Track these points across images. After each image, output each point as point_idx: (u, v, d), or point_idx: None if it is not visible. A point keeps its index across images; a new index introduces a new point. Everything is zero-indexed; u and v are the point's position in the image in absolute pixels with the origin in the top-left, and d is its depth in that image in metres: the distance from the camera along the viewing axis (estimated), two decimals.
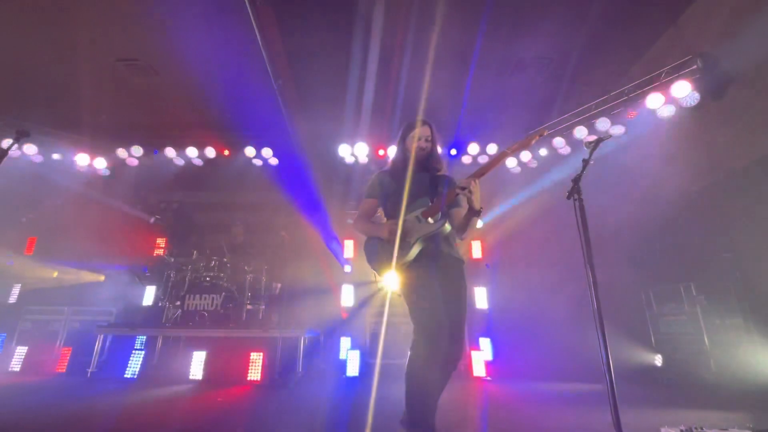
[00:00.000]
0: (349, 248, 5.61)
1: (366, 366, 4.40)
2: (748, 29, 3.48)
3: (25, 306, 4.76)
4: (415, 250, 1.89)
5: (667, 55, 4.25)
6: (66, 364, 4.36)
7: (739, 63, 3.74)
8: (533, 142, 1.99)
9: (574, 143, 5.13)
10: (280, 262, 4.87)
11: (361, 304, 5.01)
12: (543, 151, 5.40)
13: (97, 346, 4.14)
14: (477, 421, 2.63)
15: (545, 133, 2.08)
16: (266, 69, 4.33)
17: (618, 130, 4.68)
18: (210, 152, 5.64)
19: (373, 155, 5.59)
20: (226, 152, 5.75)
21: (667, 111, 4.31)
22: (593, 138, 2.17)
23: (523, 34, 4.03)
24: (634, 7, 3.63)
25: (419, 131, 2.12)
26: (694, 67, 4.03)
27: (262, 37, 4.01)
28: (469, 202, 1.81)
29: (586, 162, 2.15)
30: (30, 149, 5.37)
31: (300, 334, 4.08)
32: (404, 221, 1.94)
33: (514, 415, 2.74)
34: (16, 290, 4.91)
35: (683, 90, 4.05)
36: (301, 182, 5.77)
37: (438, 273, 1.91)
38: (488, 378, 4.11)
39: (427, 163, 2.14)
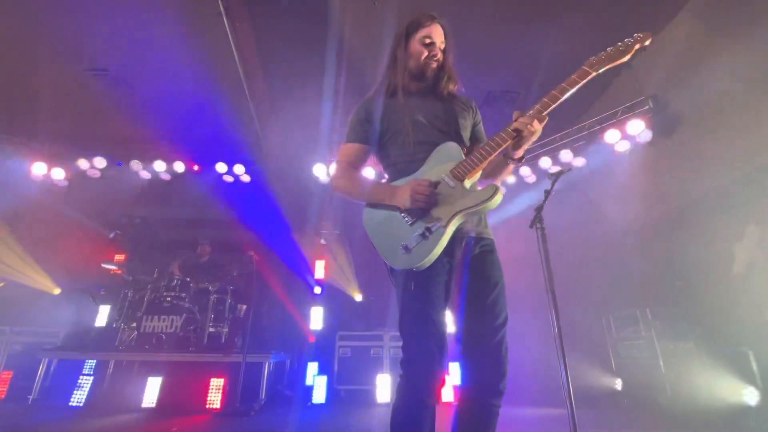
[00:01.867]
0: (319, 269, 5.54)
1: (333, 393, 4.27)
2: (692, 74, 3.86)
3: None
4: (450, 232, 1.22)
5: (622, 94, 4.60)
6: (6, 389, 3.98)
7: (685, 104, 4.11)
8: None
9: (540, 172, 5.39)
10: (246, 283, 4.71)
11: (331, 326, 4.90)
12: (510, 179, 5.62)
13: (41, 370, 3.82)
14: None
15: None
16: (242, 87, 4.34)
17: (579, 162, 4.97)
18: (179, 167, 5.49)
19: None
20: (196, 167, 5.62)
21: (623, 146, 4.63)
22: (556, 170, 2.30)
23: (490, 68, 4.27)
24: (592, 49, 3.93)
25: (432, 31, 1.45)
26: (647, 107, 4.39)
27: (240, 56, 4.04)
28: (516, 146, 1.27)
29: (548, 193, 2.27)
30: None
31: (264, 358, 3.93)
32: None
33: None
34: None
35: (637, 127, 4.38)
36: (274, 201, 5.70)
37: (458, 265, 1.31)
38: (456, 403, 4.08)
39: (439, 80, 1.48)
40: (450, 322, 1.32)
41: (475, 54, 4.03)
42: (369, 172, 4.91)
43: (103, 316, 4.58)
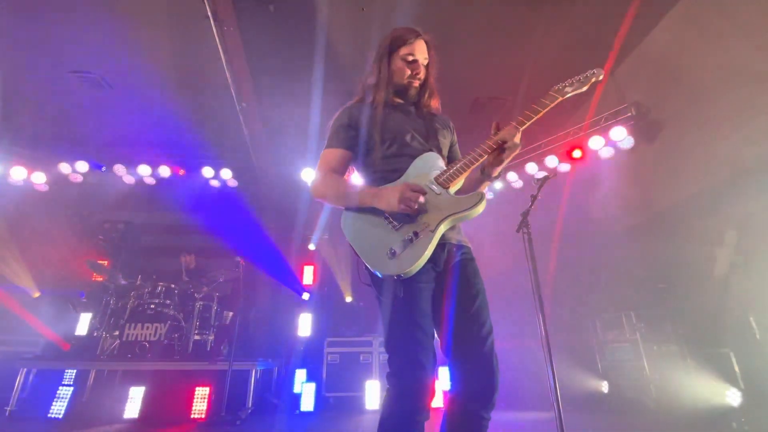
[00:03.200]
0: (308, 274, 5.49)
1: (322, 400, 4.21)
2: (673, 81, 3.98)
3: None
4: (437, 238, 1.20)
5: (607, 102, 4.71)
6: None
7: (666, 110, 4.23)
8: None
9: (526, 177, 5.46)
10: (233, 290, 4.64)
11: (320, 332, 4.86)
12: (498, 185, 5.69)
13: (19, 380, 3.68)
14: None
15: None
16: (230, 91, 4.30)
17: (564, 167, 5.06)
18: (164, 171, 5.40)
19: None
20: (182, 172, 5.54)
21: (607, 152, 4.73)
22: (542, 175, 2.34)
23: (476, 75, 4.34)
24: (573, 58, 4.01)
25: (415, 48, 1.46)
26: (629, 114, 4.49)
27: (227, 60, 4.01)
28: (496, 162, 1.29)
29: (534, 198, 2.30)
30: None
31: (251, 366, 3.86)
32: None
33: None
34: None
35: (620, 134, 4.48)
36: (261, 206, 5.64)
37: (441, 273, 1.29)
38: (445, 409, 4.07)
39: (420, 97, 1.51)
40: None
41: (462, 61, 4.08)
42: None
43: (84, 324, 4.44)
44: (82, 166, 5.18)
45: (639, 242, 4.42)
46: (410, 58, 1.45)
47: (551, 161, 5.08)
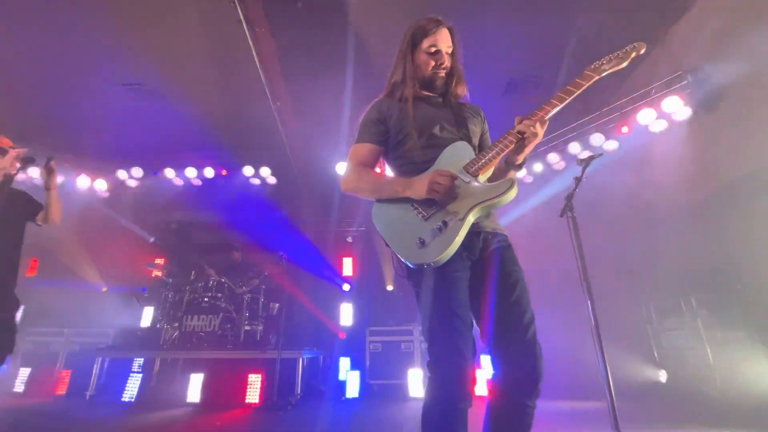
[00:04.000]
0: (347, 266, 5.61)
1: (366, 387, 4.33)
2: (734, 44, 3.58)
3: (27, 326, 4.74)
4: (467, 226, 1.19)
5: (655, 70, 4.34)
6: (66, 386, 4.32)
7: (728, 76, 3.83)
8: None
9: (569, 158, 5.19)
10: (278, 282, 4.85)
11: (361, 322, 4.97)
12: (538, 167, 5.45)
13: (96, 368, 4.10)
14: None
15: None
16: (264, 90, 4.43)
17: (611, 145, 4.74)
18: (209, 172, 5.71)
19: None
20: (224, 172, 5.82)
21: (659, 125, 4.37)
22: (586, 155, 2.22)
23: (511, 53, 4.15)
24: (620, 25, 3.73)
25: (437, 38, 1.44)
26: (684, 82, 4.12)
27: (260, 61, 4.12)
28: (517, 151, 1.29)
29: (578, 179, 2.19)
30: (34, 172, 5.45)
31: (298, 354, 4.04)
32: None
33: None
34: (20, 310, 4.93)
35: (674, 105, 4.12)
36: (299, 201, 5.81)
37: (477, 262, 1.28)
38: (489, 399, 4.04)
39: (448, 87, 1.49)
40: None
41: (495, 39, 3.92)
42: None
43: (147, 316, 4.85)
44: (137, 171, 5.60)
45: (698, 221, 4.07)
46: (433, 50, 1.44)
47: (596, 139, 4.79)
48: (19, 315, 2.13)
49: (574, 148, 5.04)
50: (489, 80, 4.51)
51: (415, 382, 4.16)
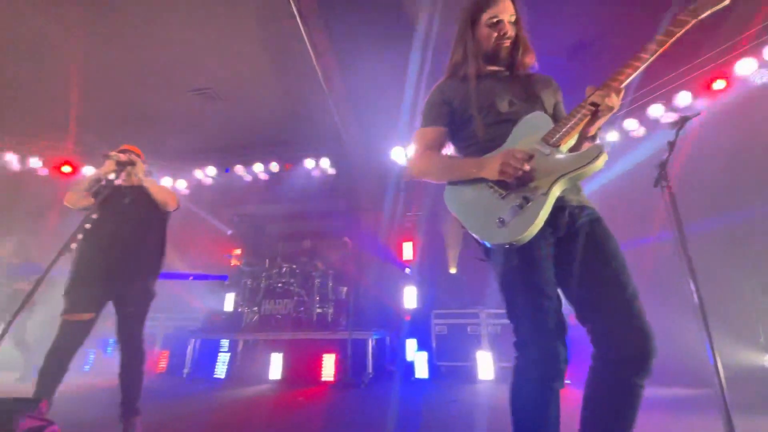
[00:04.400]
0: (407, 250, 5.64)
1: (434, 368, 4.38)
2: None
3: None
4: (551, 201, 1.13)
5: (750, 15, 3.71)
6: (166, 365, 4.90)
7: None
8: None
9: (650, 124, 4.68)
10: (344, 267, 5.05)
11: (426, 305, 5.00)
12: (612, 136, 4.99)
13: (190, 348, 4.60)
14: None
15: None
16: (320, 82, 4.54)
17: (702, 104, 4.18)
18: (274, 167, 6.04)
19: None
20: (287, 166, 6.12)
21: (761, 76, 3.76)
22: (677, 117, 1.98)
23: (574, 17, 3.79)
24: None
25: (498, 8, 1.37)
26: None
27: (315, 52, 4.21)
28: (591, 122, 1.18)
29: (672, 144, 1.96)
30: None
31: (368, 335, 4.18)
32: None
33: None
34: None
35: None
36: (358, 189, 5.94)
37: (564, 238, 1.21)
38: (567, 381, 3.88)
39: (514, 58, 1.40)
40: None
41: (556, 2, 3.60)
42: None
43: (229, 302, 5.33)
44: (211, 170, 6.08)
45: None
46: (495, 20, 1.36)
47: (683, 98, 4.25)
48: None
49: (656, 110, 4.53)
50: (551, 45, 4.18)
51: (485, 365, 4.12)
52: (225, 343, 4.82)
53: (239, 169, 6.05)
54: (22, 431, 1.19)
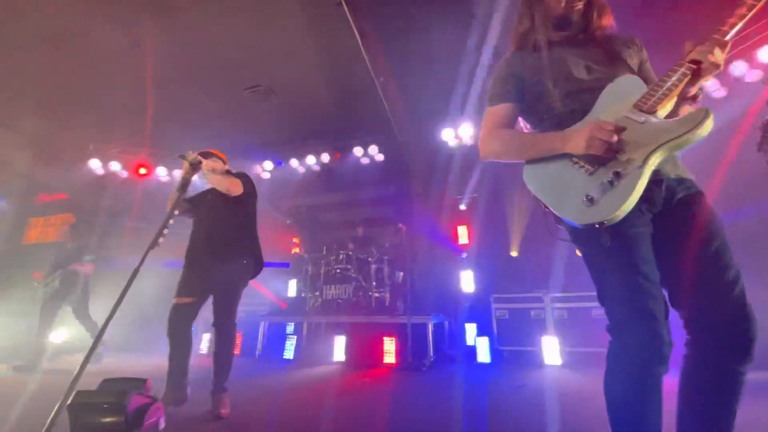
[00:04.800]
0: (462, 234, 5.54)
1: (496, 353, 4.30)
2: None
3: None
4: (647, 175, 1.01)
5: None
6: (239, 347, 5.31)
7: None
8: None
9: (731, 84, 4.11)
10: (399, 252, 5.09)
11: (484, 289, 4.91)
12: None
13: (261, 331, 4.94)
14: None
15: None
16: (368, 68, 4.53)
17: None
18: (325, 158, 6.19)
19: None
20: (337, 155, 6.25)
21: None
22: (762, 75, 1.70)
23: None
24: None
25: None
26: None
27: (362, 38, 4.19)
28: (691, 82, 1.06)
29: None
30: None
31: (426, 320, 4.21)
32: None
33: None
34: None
35: None
36: (409, 173, 5.91)
37: (661, 215, 1.10)
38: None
39: (588, 21, 1.28)
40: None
41: None
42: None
43: (293, 287, 5.63)
44: (268, 164, 6.39)
45: None
46: None
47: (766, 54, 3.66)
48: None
49: (739, 68, 3.96)
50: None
51: (551, 351, 3.97)
52: (291, 326, 5.12)
53: (293, 162, 6.29)
54: (132, 408, 1.33)
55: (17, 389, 2.90)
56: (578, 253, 1.20)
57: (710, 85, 4.31)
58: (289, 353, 4.69)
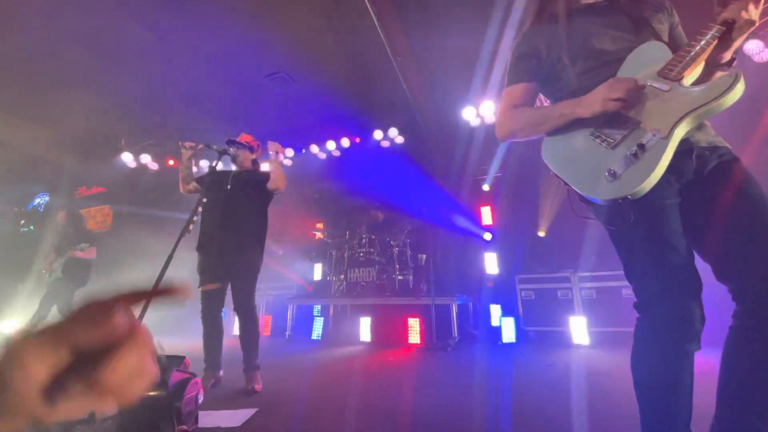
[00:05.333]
0: (486, 215, 5.47)
1: (522, 333, 4.29)
2: None
3: None
4: (674, 145, 0.96)
5: None
6: (269, 328, 5.54)
7: None
8: None
9: None
10: (421, 235, 5.10)
11: (509, 270, 4.86)
12: None
13: (290, 313, 5.12)
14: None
15: None
16: (385, 48, 4.45)
17: None
18: (345, 143, 6.19)
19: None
20: (357, 140, 6.23)
21: None
22: None
23: None
24: None
25: None
26: None
27: (378, 18, 4.10)
28: (724, 46, 1.00)
29: None
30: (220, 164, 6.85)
31: (451, 301, 4.22)
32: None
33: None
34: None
35: None
36: (430, 155, 5.84)
37: (692, 184, 1.06)
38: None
39: None
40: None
41: None
42: None
43: (318, 271, 5.77)
44: (289, 152, 6.47)
45: None
46: None
47: None
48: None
49: None
50: None
51: (579, 330, 3.90)
52: (317, 309, 5.27)
53: (314, 148, 6.33)
54: (173, 382, 1.44)
55: None
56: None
57: (753, 47, 3.99)
58: (316, 334, 4.84)
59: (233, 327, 5.68)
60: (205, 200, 2.71)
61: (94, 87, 5.45)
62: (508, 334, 4.20)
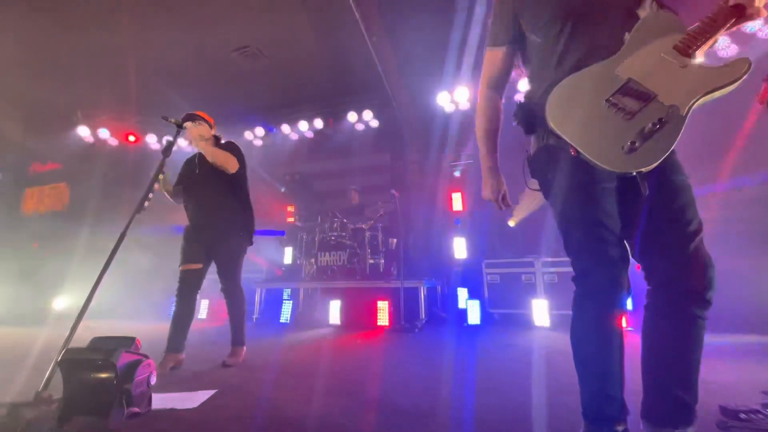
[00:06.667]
0: (457, 201, 5.53)
1: (487, 315, 4.43)
2: None
3: None
4: (686, 122, 0.97)
5: None
6: None
7: None
8: None
9: (743, 39, 3.96)
10: (393, 219, 5.11)
11: (476, 255, 4.97)
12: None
13: (257, 297, 5.04)
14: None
15: None
16: (360, 28, 4.33)
17: None
18: (318, 123, 6.05)
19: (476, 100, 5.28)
20: (331, 121, 6.10)
21: None
22: None
23: None
24: None
25: None
26: None
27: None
28: (735, 24, 1.03)
29: None
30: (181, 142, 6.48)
31: (419, 284, 4.29)
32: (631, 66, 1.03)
33: None
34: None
35: None
36: (404, 139, 5.81)
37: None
38: (629, 328, 3.73)
39: None
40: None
41: None
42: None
43: (288, 255, 5.68)
44: (259, 131, 6.25)
45: None
46: None
47: None
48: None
49: (752, 24, 3.79)
50: None
51: (541, 313, 4.08)
52: (287, 292, 5.22)
53: (285, 128, 6.14)
54: (122, 364, 1.38)
55: (22, 350, 2.99)
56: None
57: (761, 27, 4.07)
58: (285, 317, 4.81)
59: (199, 310, 5.56)
60: (182, 186, 2.73)
61: (48, 54, 5.02)
62: (474, 317, 4.33)
